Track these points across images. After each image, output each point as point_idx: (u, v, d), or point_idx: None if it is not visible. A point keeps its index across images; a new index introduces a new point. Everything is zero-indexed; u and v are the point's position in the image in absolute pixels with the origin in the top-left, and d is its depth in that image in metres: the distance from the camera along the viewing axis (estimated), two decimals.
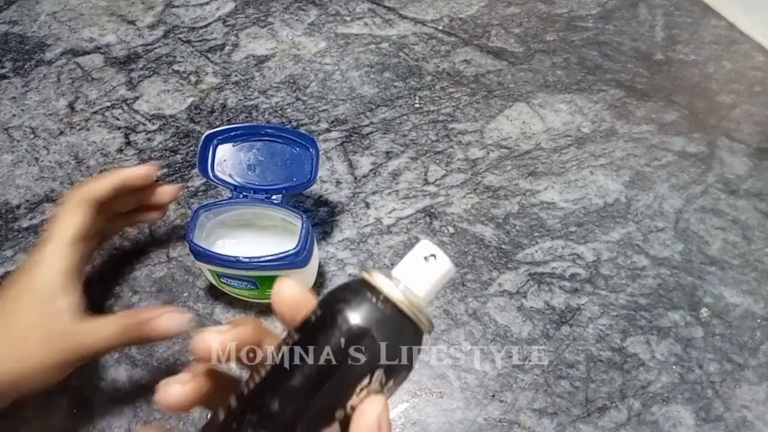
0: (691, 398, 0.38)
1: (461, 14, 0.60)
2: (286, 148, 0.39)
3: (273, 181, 0.38)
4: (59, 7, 0.57)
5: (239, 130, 0.39)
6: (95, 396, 0.36)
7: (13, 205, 0.44)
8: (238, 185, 0.38)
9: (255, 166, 0.38)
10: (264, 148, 0.39)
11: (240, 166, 0.38)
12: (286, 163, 0.39)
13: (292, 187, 0.38)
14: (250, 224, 0.40)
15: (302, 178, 0.38)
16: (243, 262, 0.34)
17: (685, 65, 0.57)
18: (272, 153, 0.39)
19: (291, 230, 0.38)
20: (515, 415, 0.37)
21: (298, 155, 0.38)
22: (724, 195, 0.48)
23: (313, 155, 0.38)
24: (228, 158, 0.38)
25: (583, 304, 0.42)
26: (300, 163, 0.38)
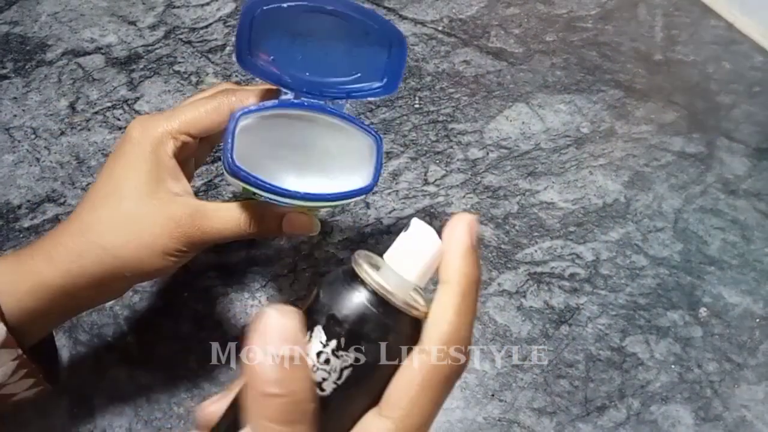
0: (690, 397, 0.38)
1: (461, 15, 0.60)
2: (354, 31, 0.28)
3: (332, 77, 0.29)
4: (60, 7, 0.57)
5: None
6: (96, 396, 0.36)
7: (14, 205, 0.44)
8: (289, 81, 0.28)
9: (309, 52, 0.28)
10: (321, 28, 0.28)
11: (288, 52, 0.28)
12: (352, 52, 0.28)
13: (359, 90, 0.29)
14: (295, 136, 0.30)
15: (373, 76, 0.28)
16: (310, 196, 0.28)
17: (685, 66, 0.57)
18: (332, 35, 0.28)
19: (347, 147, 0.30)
20: (515, 414, 0.37)
21: (371, 47, 0.28)
22: (724, 195, 0.48)
23: (398, 53, 0.28)
24: (273, 39, 0.28)
25: (583, 303, 0.42)
26: (372, 56, 0.28)
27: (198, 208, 0.29)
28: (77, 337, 0.38)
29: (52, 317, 0.29)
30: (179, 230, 0.29)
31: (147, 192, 0.29)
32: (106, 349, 0.37)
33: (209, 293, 0.40)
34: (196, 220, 0.29)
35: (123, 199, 0.29)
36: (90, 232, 0.28)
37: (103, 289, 0.29)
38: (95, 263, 0.28)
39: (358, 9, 0.28)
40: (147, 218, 0.29)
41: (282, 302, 0.41)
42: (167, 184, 0.29)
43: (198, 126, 0.30)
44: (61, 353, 0.37)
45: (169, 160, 0.30)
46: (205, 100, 0.31)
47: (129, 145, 0.30)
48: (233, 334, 0.39)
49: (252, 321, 0.20)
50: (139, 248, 0.28)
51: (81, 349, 0.37)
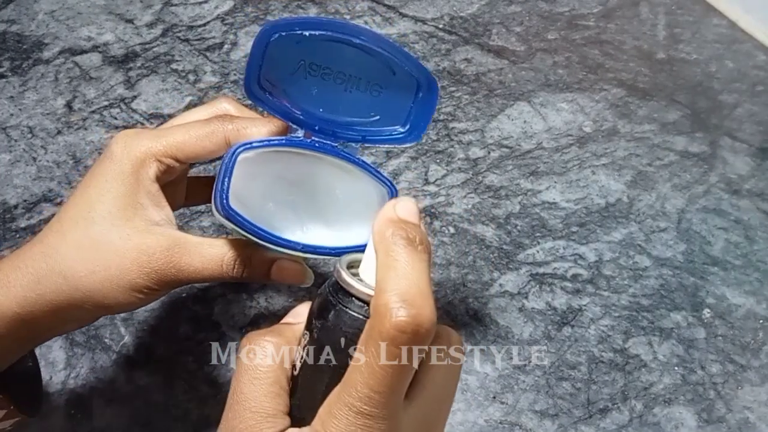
0: (693, 399, 0.38)
1: (462, 13, 0.59)
2: (379, 68, 0.25)
3: (349, 116, 0.26)
4: (57, 5, 0.57)
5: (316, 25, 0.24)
6: (93, 397, 0.35)
7: (11, 205, 0.43)
8: (300, 117, 0.26)
9: (326, 87, 0.25)
10: (342, 61, 0.25)
11: (303, 85, 0.25)
12: (374, 91, 0.26)
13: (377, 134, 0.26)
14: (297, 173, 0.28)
15: (394, 120, 0.26)
16: (311, 249, 0.26)
17: (687, 64, 0.57)
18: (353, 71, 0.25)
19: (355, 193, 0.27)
20: (516, 416, 0.36)
21: (396, 88, 0.26)
22: (727, 195, 0.48)
23: (426, 98, 0.26)
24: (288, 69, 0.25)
25: (585, 304, 0.41)
26: (396, 98, 0.26)
27: (177, 241, 0.26)
28: (74, 339, 0.37)
29: (8, 347, 0.26)
30: (151, 265, 0.26)
31: (121, 218, 0.26)
32: (103, 351, 0.37)
33: (207, 294, 0.40)
34: (173, 256, 0.26)
35: (93, 223, 0.26)
36: (52, 258, 0.26)
37: (63, 318, 0.26)
38: (54, 291, 0.25)
39: (386, 44, 0.25)
40: (116, 248, 0.25)
41: (281, 304, 0.40)
42: (146, 210, 0.26)
43: (186, 151, 0.27)
44: (58, 355, 0.37)
45: (151, 183, 0.27)
46: (198, 124, 0.28)
47: (108, 161, 0.27)
48: (232, 335, 0.38)
49: None
50: (103, 281, 0.25)
51: (78, 351, 0.37)
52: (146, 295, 0.26)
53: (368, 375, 0.19)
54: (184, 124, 0.28)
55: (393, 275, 0.19)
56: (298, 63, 0.25)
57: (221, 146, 0.27)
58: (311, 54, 0.25)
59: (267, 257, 0.27)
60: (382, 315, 0.19)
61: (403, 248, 0.20)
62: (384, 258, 0.20)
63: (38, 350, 0.36)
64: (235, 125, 0.27)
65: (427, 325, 0.19)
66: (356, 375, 0.19)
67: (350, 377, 0.19)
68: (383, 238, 0.20)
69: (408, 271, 0.19)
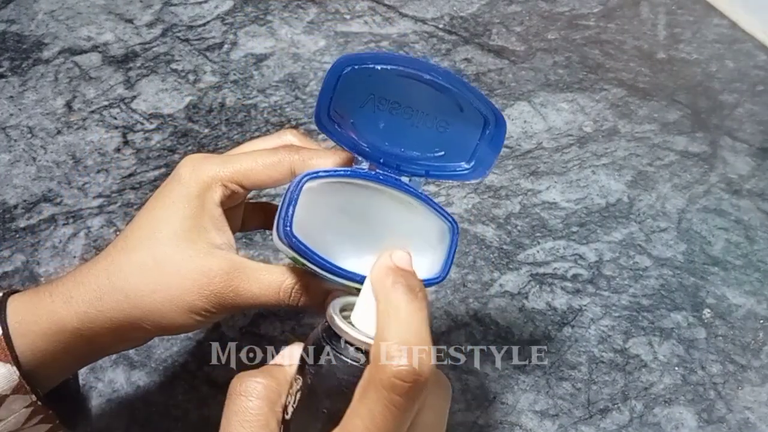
0: (693, 400, 0.38)
1: (462, 12, 0.59)
2: (447, 104, 0.26)
3: (414, 151, 0.26)
4: (57, 5, 0.57)
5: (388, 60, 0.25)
6: (93, 398, 0.35)
7: (11, 205, 0.43)
8: (366, 149, 0.26)
9: (393, 121, 0.26)
10: (411, 96, 0.25)
11: (371, 118, 0.26)
12: (441, 126, 0.26)
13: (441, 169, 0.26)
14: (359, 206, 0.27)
15: (459, 156, 0.26)
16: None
17: (688, 64, 0.57)
18: (422, 107, 0.26)
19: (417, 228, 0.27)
20: (516, 417, 0.36)
21: (463, 124, 0.26)
22: (727, 195, 0.48)
23: (494, 135, 0.26)
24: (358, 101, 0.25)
25: (585, 305, 0.41)
26: (462, 135, 0.26)
27: (237, 265, 0.26)
28: None
29: (67, 362, 0.27)
30: (211, 287, 0.26)
31: (185, 239, 0.26)
32: None
33: None
34: (233, 280, 0.26)
35: (158, 243, 0.26)
36: (115, 275, 0.26)
37: (121, 336, 0.27)
38: (115, 309, 0.26)
39: (456, 81, 0.25)
40: (178, 269, 0.26)
41: None
42: (209, 233, 0.27)
43: (252, 178, 0.28)
44: None
45: (215, 207, 0.27)
46: (265, 153, 0.28)
47: (176, 184, 0.27)
48: (232, 335, 0.38)
49: None
50: (163, 301, 0.26)
51: None
52: (204, 318, 0.26)
53: (369, 422, 0.19)
54: (252, 152, 0.29)
55: (394, 323, 0.20)
56: (368, 96, 0.26)
57: (286, 176, 0.27)
58: (381, 88, 0.26)
59: (324, 287, 0.27)
60: (383, 363, 0.19)
61: (403, 295, 0.20)
62: (385, 305, 0.20)
63: None
64: (301, 156, 0.28)
65: (426, 373, 0.19)
66: (356, 421, 0.19)
67: (349, 423, 0.19)
68: (383, 285, 0.21)
69: (409, 319, 0.20)
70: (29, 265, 0.40)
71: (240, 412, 0.22)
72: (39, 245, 0.41)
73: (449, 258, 0.27)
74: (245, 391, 0.22)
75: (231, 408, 0.22)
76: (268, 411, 0.22)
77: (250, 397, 0.22)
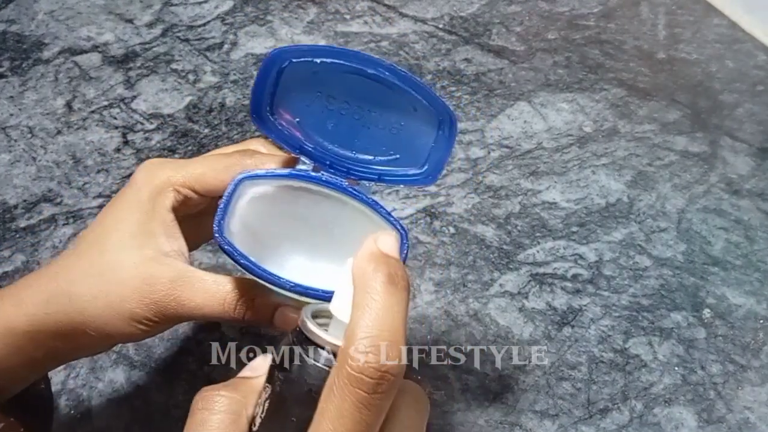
0: (693, 400, 0.38)
1: (462, 12, 0.59)
2: (400, 104, 0.24)
3: (364, 153, 0.25)
4: (57, 5, 0.57)
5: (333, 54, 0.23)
6: (93, 397, 0.35)
7: (11, 205, 0.43)
8: (311, 150, 0.25)
9: (342, 121, 0.24)
10: (362, 95, 0.24)
11: (318, 117, 0.24)
12: (394, 127, 0.24)
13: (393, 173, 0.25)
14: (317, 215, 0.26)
15: (413, 160, 0.25)
16: (313, 293, 0.25)
17: (688, 64, 0.57)
18: (373, 106, 0.24)
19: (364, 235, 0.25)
20: (516, 416, 0.36)
21: (416, 126, 0.24)
22: (727, 195, 0.48)
23: (445, 136, 0.24)
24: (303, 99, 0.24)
25: (585, 305, 0.41)
26: (416, 136, 0.25)
27: (183, 274, 0.25)
28: None
29: (21, 367, 0.26)
30: (152, 296, 0.25)
31: (132, 245, 0.25)
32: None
33: None
34: (176, 289, 0.25)
35: (106, 248, 0.26)
36: (63, 279, 0.26)
37: (72, 342, 0.26)
38: (60, 313, 0.25)
39: (406, 79, 0.24)
40: (122, 275, 0.25)
41: None
42: (157, 239, 0.26)
43: (204, 183, 0.27)
44: None
45: (166, 213, 0.26)
46: (218, 157, 0.28)
47: (130, 188, 0.27)
48: (232, 335, 0.38)
49: None
50: (104, 307, 0.25)
51: None
52: (148, 327, 0.26)
53: (335, 420, 0.18)
54: (207, 156, 0.28)
55: (368, 315, 0.19)
56: (315, 94, 0.24)
57: None
58: (328, 85, 0.24)
59: (270, 301, 0.26)
60: (349, 358, 0.18)
61: (381, 286, 0.19)
62: (361, 296, 0.19)
63: None
64: (255, 160, 0.27)
65: (394, 371, 0.18)
66: (323, 423, 0.18)
67: (317, 426, 0.19)
68: (363, 273, 0.20)
69: (383, 312, 0.19)
70: (29, 265, 0.40)
71: (201, 426, 0.21)
72: (39, 245, 0.41)
73: None
74: (207, 405, 0.21)
75: (192, 423, 0.21)
76: (230, 424, 0.21)
77: (213, 411, 0.21)
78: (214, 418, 0.21)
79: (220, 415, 0.21)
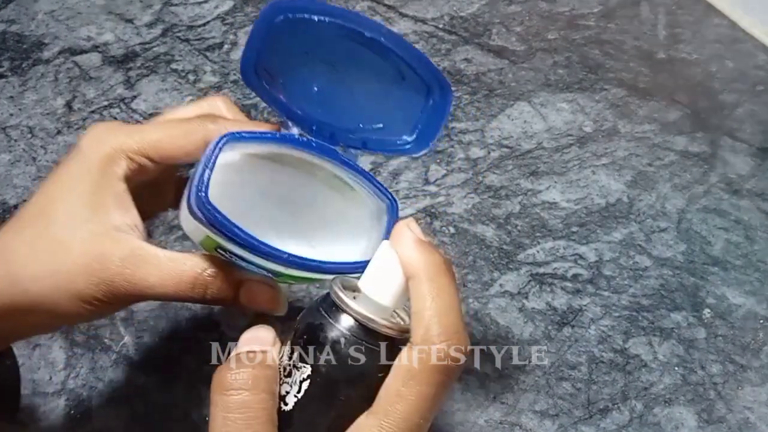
0: (693, 399, 0.38)
1: (462, 12, 0.59)
2: (388, 72, 0.23)
3: (351, 120, 0.23)
4: (57, 5, 0.57)
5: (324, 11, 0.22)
6: (93, 397, 0.35)
7: (11, 205, 0.43)
8: (297, 113, 0.23)
9: (330, 85, 0.23)
10: (350, 60, 0.22)
11: (305, 79, 0.23)
12: (380, 96, 0.24)
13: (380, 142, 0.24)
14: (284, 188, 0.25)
15: (400, 129, 0.24)
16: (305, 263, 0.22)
17: (688, 64, 0.57)
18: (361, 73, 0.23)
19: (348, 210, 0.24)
20: (516, 416, 0.36)
21: (405, 93, 0.23)
22: (727, 195, 0.48)
23: (437, 105, 0.23)
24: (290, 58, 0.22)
25: (585, 305, 0.41)
26: (404, 105, 0.24)
27: (136, 250, 0.23)
28: (74, 339, 0.37)
29: None
30: (101, 275, 0.22)
31: (81, 219, 0.23)
32: (103, 351, 0.37)
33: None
34: (127, 267, 0.23)
35: (51, 222, 0.23)
36: (4, 256, 0.23)
37: (17, 323, 0.24)
38: (3, 292, 0.23)
39: (400, 44, 0.23)
40: (69, 252, 0.23)
41: None
42: (108, 213, 0.23)
43: (160, 149, 0.24)
44: (58, 355, 0.37)
45: (118, 183, 0.24)
46: (178, 122, 0.25)
47: (75, 156, 0.24)
48: (232, 335, 0.38)
49: None
50: (51, 287, 0.23)
51: (78, 351, 0.37)
52: (96, 308, 0.23)
53: (414, 405, 0.19)
54: (165, 120, 0.26)
55: (442, 309, 0.20)
56: (302, 54, 0.22)
57: (199, 147, 0.24)
58: (317, 46, 0.22)
59: (235, 277, 0.24)
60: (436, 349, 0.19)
61: (446, 278, 0.21)
62: (428, 287, 0.20)
63: (38, 350, 0.36)
64: (218, 126, 0.24)
65: (466, 357, 0.20)
66: (398, 406, 0.19)
67: (391, 408, 0.19)
68: (431, 264, 0.21)
69: (454, 305, 0.20)
70: None
71: (240, 408, 0.19)
72: None
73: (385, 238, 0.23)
74: (238, 384, 0.20)
75: (226, 406, 0.20)
76: (271, 403, 0.20)
77: (252, 390, 0.20)
78: (254, 398, 0.19)
79: (260, 394, 0.20)
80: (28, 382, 0.35)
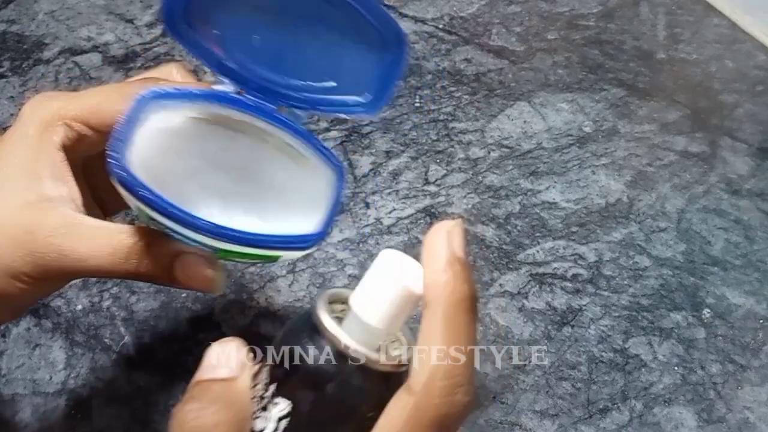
0: (693, 399, 0.38)
1: (462, 12, 0.59)
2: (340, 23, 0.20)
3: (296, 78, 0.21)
4: (57, 5, 0.57)
5: None
6: (93, 397, 0.35)
7: None
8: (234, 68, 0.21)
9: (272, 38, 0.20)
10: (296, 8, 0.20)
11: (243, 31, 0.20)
12: (331, 50, 0.21)
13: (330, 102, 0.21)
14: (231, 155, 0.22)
15: (353, 88, 0.21)
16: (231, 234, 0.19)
17: (687, 64, 0.57)
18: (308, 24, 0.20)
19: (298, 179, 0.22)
20: (516, 416, 0.36)
21: (358, 48, 0.20)
22: (727, 195, 0.48)
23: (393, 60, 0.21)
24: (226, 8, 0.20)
25: (585, 305, 0.41)
26: (357, 61, 0.21)
27: (68, 221, 0.21)
28: (74, 339, 0.37)
29: None
30: (30, 246, 0.21)
31: (13, 188, 0.21)
32: (103, 351, 0.37)
33: (207, 294, 0.40)
34: (57, 238, 0.21)
35: None
36: None
37: None
38: None
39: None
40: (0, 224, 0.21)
41: (281, 304, 0.40)
42: (42, 182, 0.22)
43: (98, 115, 0.22)
44: (58, 355, 0.37)
45: (55, 152, 0.22)
46: (117, 85, 0.23)
47: (15, 124, 0.23)
48: (232, 336, 0.38)
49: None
50: None
51: (78, 351, 0.37)
52: (28, 285, 0.22)
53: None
54: (106, 86, 0.24)
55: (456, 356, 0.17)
56: (240, 1, 0.20)
57: None
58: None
59: (170, 249, 0.22)
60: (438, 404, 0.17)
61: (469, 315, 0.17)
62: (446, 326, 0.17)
63: (38, 350, 0.36)
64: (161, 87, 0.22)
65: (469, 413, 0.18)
66: None
67: None
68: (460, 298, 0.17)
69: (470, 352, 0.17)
70: None
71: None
72: None
73: (332, 210, 0.21)
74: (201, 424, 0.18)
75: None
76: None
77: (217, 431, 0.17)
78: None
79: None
80: (29, 382, 0.35)
